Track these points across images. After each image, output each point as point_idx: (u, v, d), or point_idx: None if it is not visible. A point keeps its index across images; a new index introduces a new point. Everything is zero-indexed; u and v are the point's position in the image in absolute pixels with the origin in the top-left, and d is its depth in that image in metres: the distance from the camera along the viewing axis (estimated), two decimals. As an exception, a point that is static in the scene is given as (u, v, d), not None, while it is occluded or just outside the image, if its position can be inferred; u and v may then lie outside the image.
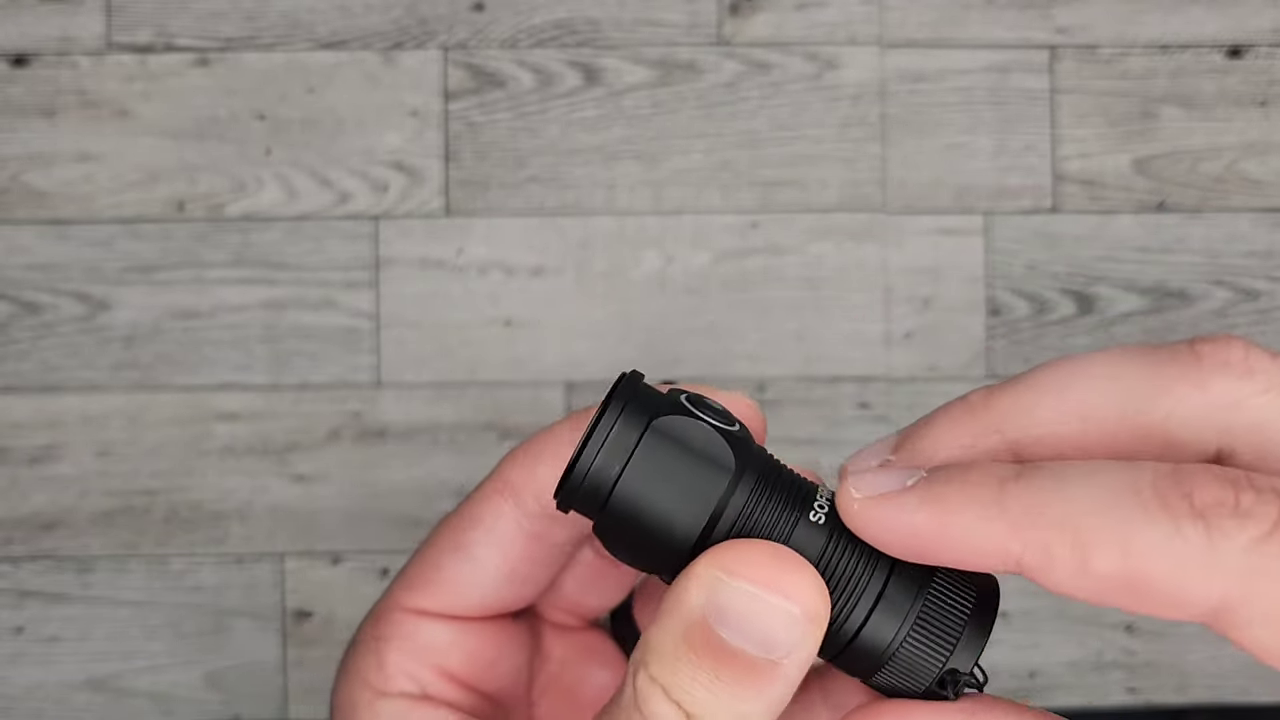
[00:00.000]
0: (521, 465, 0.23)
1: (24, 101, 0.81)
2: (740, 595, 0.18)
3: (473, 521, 0.23)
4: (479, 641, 0.24)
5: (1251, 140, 0.83)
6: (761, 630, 0.18)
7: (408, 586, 0.24)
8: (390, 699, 0.23)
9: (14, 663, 0.79)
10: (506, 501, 0.23)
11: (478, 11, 0.82)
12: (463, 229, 0.81)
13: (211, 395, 0.80)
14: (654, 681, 0.18)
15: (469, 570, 0.23)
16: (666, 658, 0.18)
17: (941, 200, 0.82)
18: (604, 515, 0.19)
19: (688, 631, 0.18)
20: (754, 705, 0.18)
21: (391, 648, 0.23)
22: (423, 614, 0.24)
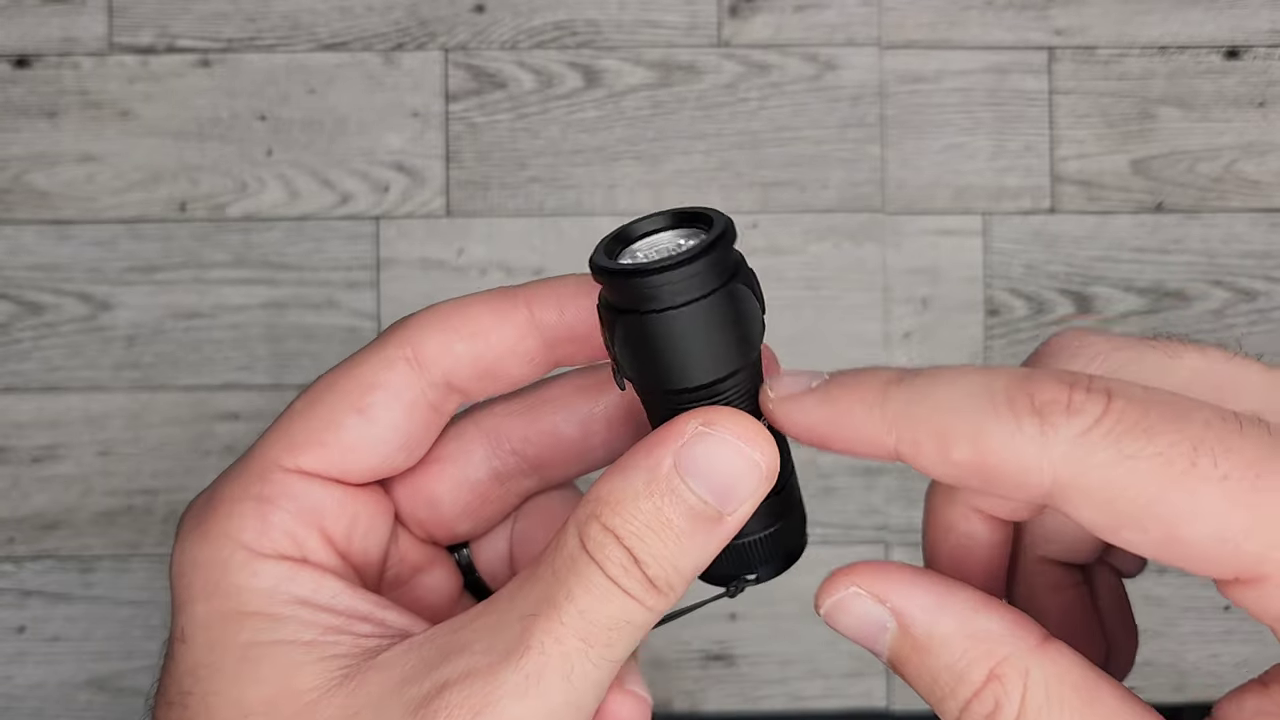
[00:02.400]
0: (437, 339, 0.23)
1: (26, 102, 0.81)
2: (719, 443, 0.20)
3: (374, 386, 0.23)
4: (359, 508, 0.23)
5: (1249, 141, 0.83)
6: (726, 477, 0.20)
7: (293, 446, 0.23)
8: (270, 561, 0.22)
9: (16, 662, 0.79)
10: (413, 369, 0.23)
11: (478, 13, 0.82)
12: (463, 229, 0.81)
13: (213, 395, 0.80)
14: (607, 530, 0.20)
15: (368, 433, 0.23)
16: (625, 505, 0.20)
17: (940, 201, 0.82)
18: (638, 319, 0.20)
19: (652, 481, 0.20)
20: (695, 556, 0.21)
21: (276, 509, 0.22)
22: (311, 475, 0.23)
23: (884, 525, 0.81)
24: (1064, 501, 0.18)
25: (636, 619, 0.20)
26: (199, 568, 0.22)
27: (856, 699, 0.81)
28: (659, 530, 0.20)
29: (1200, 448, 0.17)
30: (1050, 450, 0.17)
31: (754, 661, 0.80)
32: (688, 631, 0.80)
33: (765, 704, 0.81)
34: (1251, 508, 0.17)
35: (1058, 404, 0.18)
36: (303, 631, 0.21)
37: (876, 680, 0.81)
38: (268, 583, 0.22)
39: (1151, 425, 0.17)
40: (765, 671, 0.81)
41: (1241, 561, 0.17)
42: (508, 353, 0.23)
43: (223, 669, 0.21)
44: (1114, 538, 0.18)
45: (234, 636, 0.21)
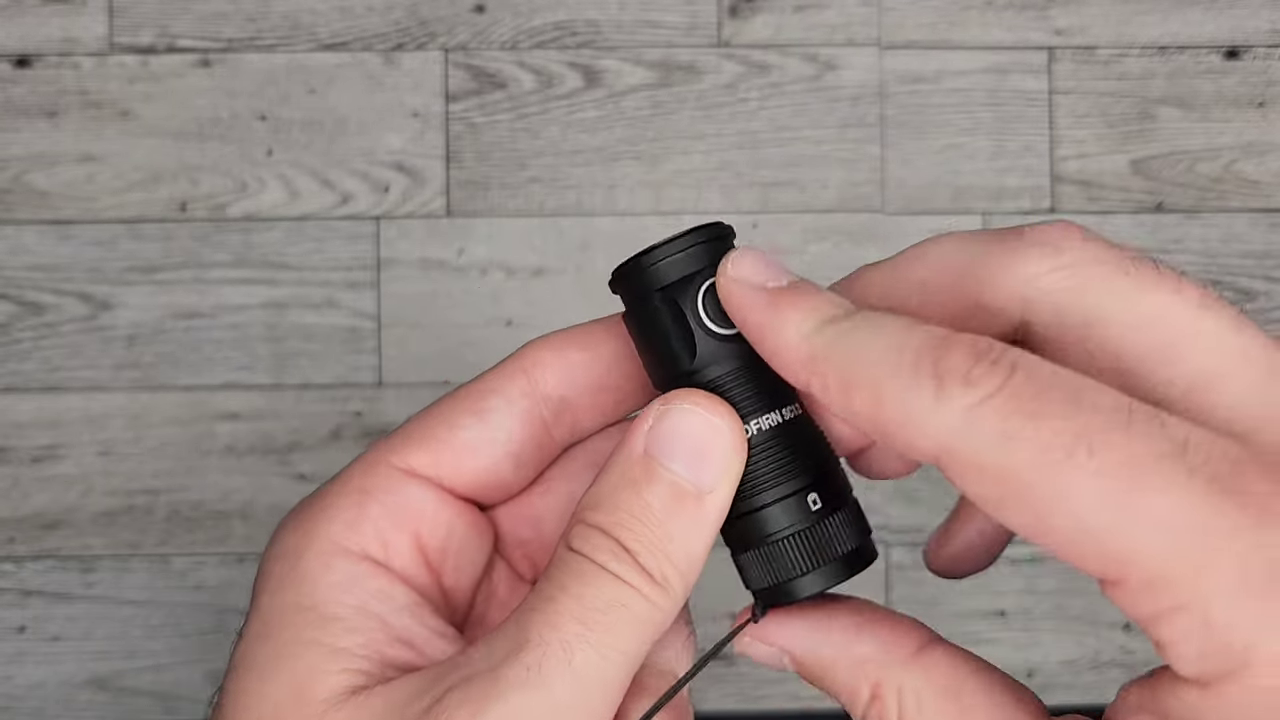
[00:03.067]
0: (553, 347, 0.23)
1: (27, 102, 0.81)
2: (679, 414, 0.21)
3: (493, 392, 0.23)
4: (457, 521, 0.23)
5: (1249, 141, 0.83)
6: (695, 447, 0.20)
7: (404, 443, 0.23)
8: (350, 557, 0.21)
9: (17, 661, 0.79)
10: (530, 381, 0.23)
11: (478, 13, 0.82)
12: (464, 229, 0.81)
13: (213, 395, 0.80)
14: (591, 527, 0.20)
15: (482, 435, 0.23)
16: (605, 500, 0.20)
17: (940, 201, 0.82)
18: (636, 310, 0.22)
19: (627, 470, 0.20)
20: (685, 540, 0.20)
21: (374, 502, 0.22)
22: (415, 475, 0.22)
23: (884, 525, 0.81)
24: (949, 470, 0.18)
25: (633, 605, 0.20)
26: (280, 559, 0.22)
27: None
28: (641, 516, 0.20)
29: (1081, 438, 0.17)
30: (940, 417, 0.17)
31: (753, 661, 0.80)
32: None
33: (765, 704, 0.81)
34: (1118, 508, 0.16)
35: (957, 372, 0.18)
36: (344, 637, 0.21)
37: (876, 680, 0.81)
38: (337, 578, 0.21)
39: (1041, 409, 0.17)
40: (765, 671, 0.81)
41: (1104, 561, 0.17)
42: (618, 361, 0.23)
43: (255, 665, 0.21)
44: (994, 513, 0.18)
45: (280, 632, 0.21)
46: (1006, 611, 0.81)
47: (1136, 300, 0.19)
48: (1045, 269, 0.19)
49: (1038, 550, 0.82)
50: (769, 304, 0.21)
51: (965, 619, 0.81)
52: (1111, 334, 0.19)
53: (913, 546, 0.81)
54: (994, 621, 0.81)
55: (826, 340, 0.19)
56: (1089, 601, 0.82)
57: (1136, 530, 0.16)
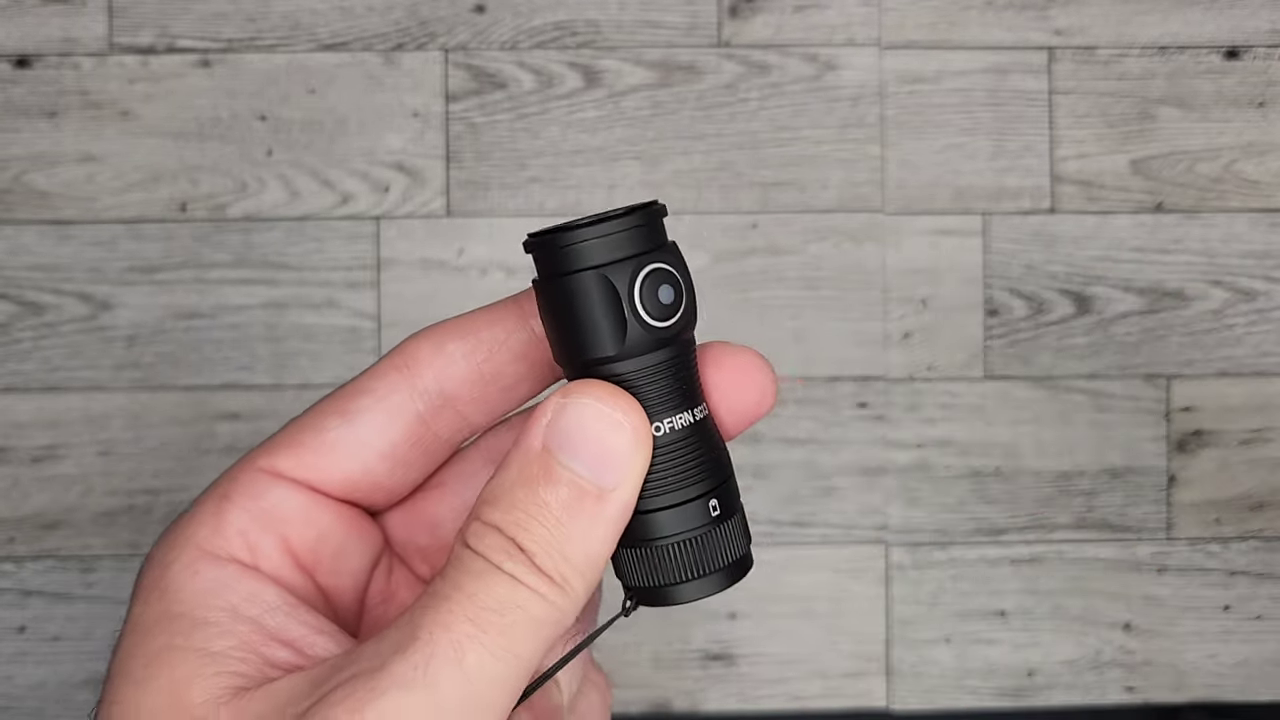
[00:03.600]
0: (429, 341, 0.22)
1: (27, 102, 0.81)
2: (578, 408, 0.20)
3: (362, 391, 0.22)
4: (331, 522, 0.22)
5: (1249, 141, 0.83)
6: (596, 445, 0.20)
7: (270, 448, 0.22)
8: (216, 561, 0.21)
9: (17, 661, 0.79)
10: (404, 376, 0.22)
11: (478, 13, 0.82)
12: (464, 229, 0.81)
13: (213, 395, 0.80)
14: (488, 525, 0.19)
15: (347, 435, 0.22)
16: (502, 499, 0.20)
17: (940, 201, 0.82)
18: (560, 282, 0.20)
19: (524, 467, 0.20)
20: (583, 540, 0.20)
21: (234, 506, 0.21)
22: (279, 476, 0.22)
23: (884, 525, 0.81)
24: None
25: (530, 607, 0.19)
26: (149, 569, 0.21)
27: (856, 699, 0.81)
28: (538, 515, 0.19)
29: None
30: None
31: (754, 661, 0.80)
32: (688, 631, 0.80)
33: (765, 704, 0.81)
34: None
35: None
36: (216, 640, 0.20)
37: (876, 680, 0.81)
38: (204, 584, 0.21)
39: None
40: (765, 671, 0.81)
41: None
42: (498, 347, 0.22)
43: (130, 674, 0.20)
44: None
45: (152, 640, 0.20)
46: (1006, 611, 0.81)
47: None
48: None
49: (1038, 550, 0.82)
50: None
51: (965, 619, 0.81)
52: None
53: (913, 547, 0.81)
54: (994, 621, 0.81)
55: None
56: (1089, 601, 0.82)
57: None
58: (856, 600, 0.81)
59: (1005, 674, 0.81)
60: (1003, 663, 0.81)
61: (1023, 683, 0.81)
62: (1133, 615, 0.82)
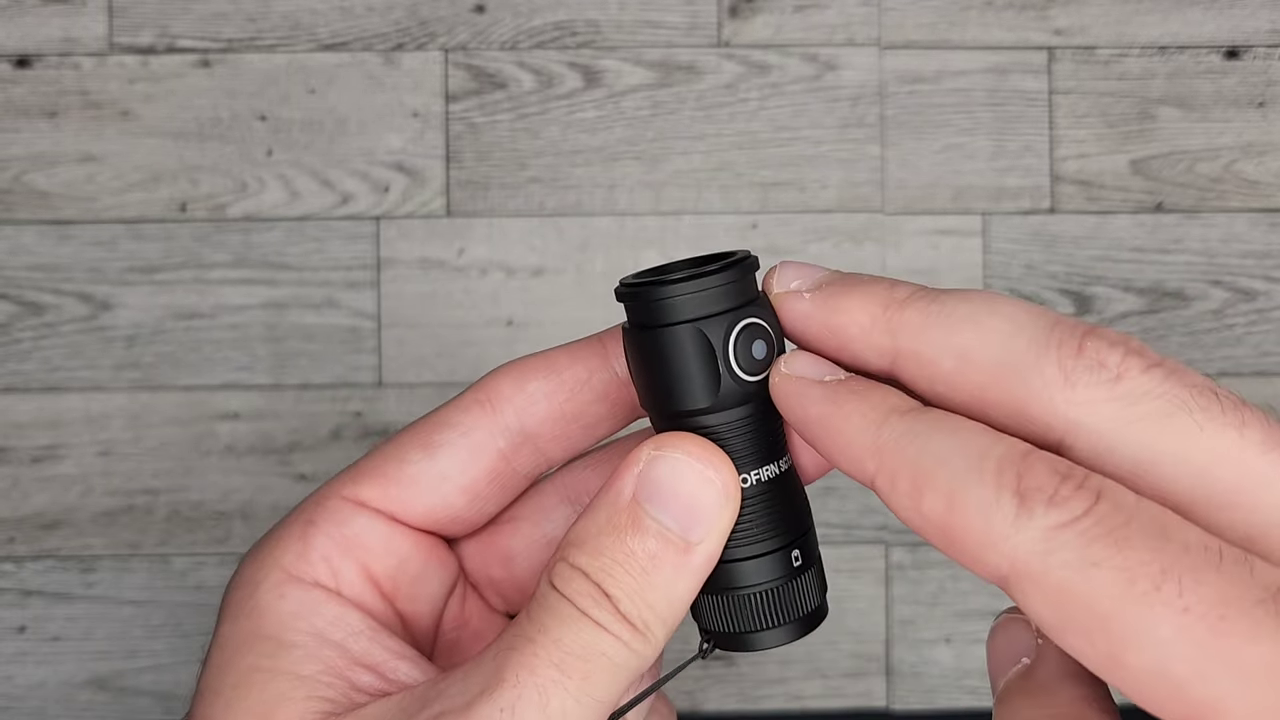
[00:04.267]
0: (511, 378, 0.23)
1: (27, 102, 0.81)
2: (670, 463, 0.20)
3: (445, 424, 0.23)
4: (411, 551, 0.23)
5: (1249, 141, 0.83)
6: (686, 498, 0.20)
7: (355, 477, 0.23)
8: (302, 585, 0.21)
9: (17, 662, 0.79)
10: (486, 412, 0.23)
11: (478, 13, 0.82)
12: (464, 229, 0.81)
13: (213, 395, 0.80)
14: (574, 568, 0.20)
15: (430, 468, 0.22)
16: (589, 543, 0.20)
17: (940, 201, 0.82)
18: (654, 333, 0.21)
19: (613, 515, 0.20)
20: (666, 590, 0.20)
21: (319, 532, 0.22)
22: (363, 506, 0.22)
23: (884, 525, 0.81)
24: (1016, 589, 0.17)
25: (612, 653, 0.20)
26: (238, 588, 0.22)
27: (856, 699, 0.81)
28: (624, 563, 0.20)
29: (1169, 573, 0.16)
30: (1019, 534, 0.17)
31: (754, 661, 0.80)
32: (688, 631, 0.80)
33: (765, 704, 0.81)
34: (1205, 648, 0.15)
35: (1042, 492, 0.17)
36: (303, 664, 0.20)
37: (876, 680, 0.81)
38: (291, 606, 0.21)
39: (1128, 537, 0.16)
40: (765, 671, 0.81)
41: (1183, 707, 0.15)
42: (581, 386, 0.23)
43: (220, 693, 0.21)
44: (1059, 638, 0.17)
45: (240, 660, 0.21)
46: (1006, 611, 0.81)
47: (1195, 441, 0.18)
48: (1100, 397, 0.18)
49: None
50: (829, 397, 0.20)
51: (965, 619, 0.81)
52: (1164, 474, 0.18)
53: (913, 547, 0.81)
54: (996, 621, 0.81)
55: (897, 435, 0.18)
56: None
57: (1225, 679, 0.15)
58: (856, 600, 0.81)
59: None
60: (1003, 663, 0.81)
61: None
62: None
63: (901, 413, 0.19)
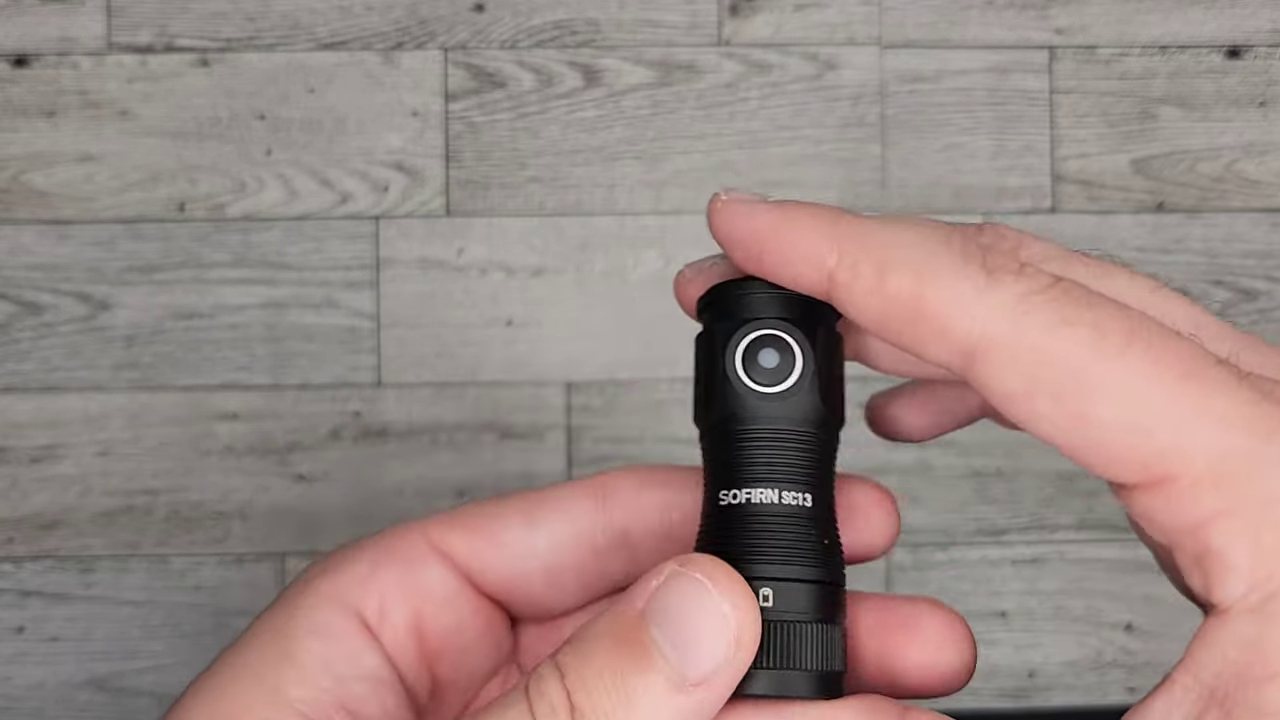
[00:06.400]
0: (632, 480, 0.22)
1: (25, 102, 0.81)
2: (688, 585, 0.18)
3: (553, 502, 0.22)
4: (472, 617, 0.22)
5: (1250, 140, 0.83)
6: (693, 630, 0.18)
7: (448, 522, 0.22)
8: (342, 612, 0.21)
9: (16, 662, 0.79)
10: (596, 503, 0.22)
11: (478, 12, 0.82)
12: (463, 229, 0.81)
13: (212, 395, 0.80)
14: (556, 668, 0.18)
15: (522, 542, 0.22)
16: (583, 647, 0.18)
17: (940, 200, 0.82)
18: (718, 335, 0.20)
19: (616, 623, 0.18)
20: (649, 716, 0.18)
21: (390, 565, 0.21)
22: (443, 556, 0.22)
23: (884, 525, 0.81)
24: (982, 360, 0.17)
25: None
26: (299, 583, 0.22)
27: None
28: (610, 681, 0.17)
29: (1137, 333, 0.17)
30: (988, 300, 0.17)
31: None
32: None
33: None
34: (1174, 396, 0.16)
35: (1008, 267, 0.17)
36: (293, 686, 0.20)
37: (877, 680, 0.81)
38: (315, 624, 0.21)
39: (1095, 302, 0.17)
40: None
41: (1150, 453, 0.16)
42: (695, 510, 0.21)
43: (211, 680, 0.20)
44: (1023, 407, 0.17)
45: (247, 652, 0.20)
46: (1007, 612, 0.81)
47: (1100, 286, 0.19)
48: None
49: (1039, 551, 0.82)
50: (773, 207, 0.20)
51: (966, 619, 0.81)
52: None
53: (914, 547, 0.81)
54: (994, 622, 0.81)
55: (855, 225, 0.19)
56: (1090, 602, 0.82)
57: (1191, 425, 0.16)
58: (857, 601, 0.81)
59: (1006, 675, 0.81)
60: (1003, 663, 0.81)
61: (1023, 683, 0.81)
62: (1134, 616, 0.82)
63: (853, 213, 0.19)
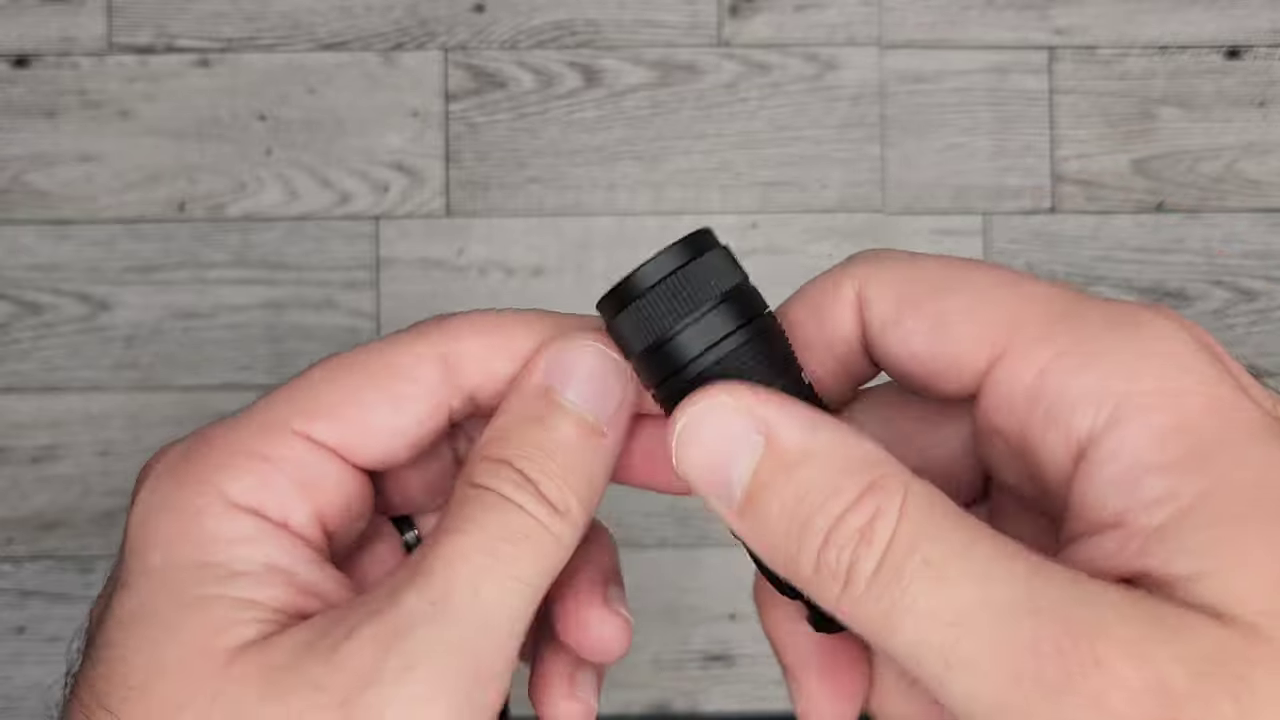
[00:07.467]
0: (477, 349, 0.23)
1: (26, 102, 0.81)
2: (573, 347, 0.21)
3: (409, 378, 0.22)
4: (357, 491, 0.23)
5: (1250, 141, 0.83)
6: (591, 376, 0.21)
7: (308, 412, 0.22)
8: (251, 516, 0.21)
9: (16, 662, 0.79)
10: (443, 372, 0.22)
11: (478, 12, 0.82)
12: (463, 229, 0.81)
13: (212, 395, 0.80)
14: (496, 461, 0.21)
15: (391, 422, 0.22)
16: (508, 435, 0.21)
17: (941, 201, 0.82)
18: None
19: (526, 404, 0.21)
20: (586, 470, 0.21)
21: (277, 470, 0.21)
22: (322, 447, 0.22)
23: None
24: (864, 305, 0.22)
25: (536, 536, 0.20)
26: (169, 512, 0.21)
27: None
28: (543, 447, 0.21)
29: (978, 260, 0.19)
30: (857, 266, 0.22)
31: (754, 661, 0.80)
32: (688, 632, 0.80)
33: (765, 704, 0.81)
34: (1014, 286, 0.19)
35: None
36: (253, 590, 0.20)
37: (876, 681, 0.81)
38: (240, 534, 0.21)
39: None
40: (765, 671, 0.80)
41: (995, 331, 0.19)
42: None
43: (156, 618, 0.20)
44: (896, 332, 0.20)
45: (183, 585, 0.20)
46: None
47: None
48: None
49: (1038, 551, 0.82)
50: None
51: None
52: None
53: (913, 547, 0.81)
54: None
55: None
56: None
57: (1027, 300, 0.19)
58: (857, 601, 0.81)
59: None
60: (1003, 663, 0.81)
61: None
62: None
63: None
